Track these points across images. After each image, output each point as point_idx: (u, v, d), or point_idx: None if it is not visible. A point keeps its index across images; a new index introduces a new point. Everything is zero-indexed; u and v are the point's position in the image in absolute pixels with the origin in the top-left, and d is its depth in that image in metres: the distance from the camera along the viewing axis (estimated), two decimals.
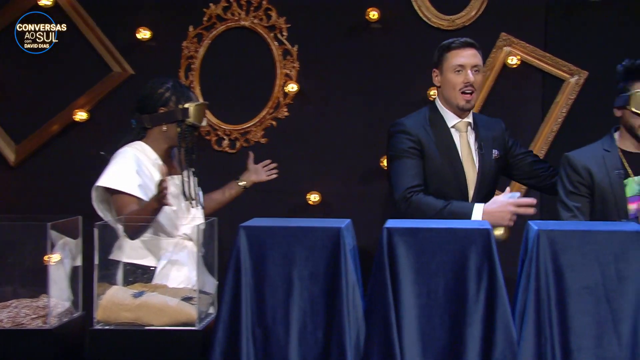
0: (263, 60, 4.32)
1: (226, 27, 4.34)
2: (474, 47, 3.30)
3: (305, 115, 4.33)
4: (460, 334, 2.41)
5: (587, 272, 2.40)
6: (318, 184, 4.32)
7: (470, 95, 3.27)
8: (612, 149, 3.17)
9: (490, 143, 3.35)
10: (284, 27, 4.29)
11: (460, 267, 2.43)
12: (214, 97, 4.36)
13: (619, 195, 3.10)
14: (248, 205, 4.21)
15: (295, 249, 2.48)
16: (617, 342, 2.36)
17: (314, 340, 2.44)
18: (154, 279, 2.92)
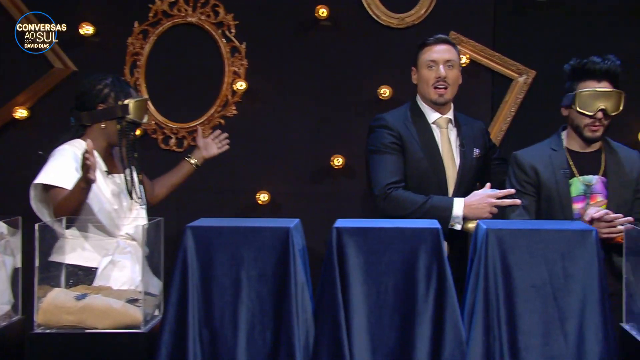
0: (211, 57, 4.30)
1: (172, 23, 4.30)
2: (447, 43, 3.39)
3: (254, 114, 4.31)
4: (410, 334, 2.43)
5: (535, 270, 2.45)
6: (267, 184, 4.31)
7: (443, 89, 3.34)
8: (559, 149, 3.23)
9: (471, 141, 3.41)
10: (232, 24, 4.28)
11: (410, 266, 2.46)
12: (161, 94, 4.32)
13: (564, 194, 3.15)
14: (195, 205, 4.19)
15: (243, 250, 2.48)
16: (563, 340, 2.41)
17: (262, 341, 2.44)
18: (96, 279, 2.89)
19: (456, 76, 3.39)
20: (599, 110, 3.12)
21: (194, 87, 4.32)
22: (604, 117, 3.13)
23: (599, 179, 3.16)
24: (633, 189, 3.19)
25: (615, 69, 3.17)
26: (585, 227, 2.51)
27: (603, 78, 3.15)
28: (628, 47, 4.08)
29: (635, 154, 3.28)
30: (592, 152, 3.22)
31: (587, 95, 3.13)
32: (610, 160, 3.20)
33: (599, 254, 2.44)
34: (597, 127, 3.15)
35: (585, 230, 2.46)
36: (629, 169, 3.20)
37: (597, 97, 3.13)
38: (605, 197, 3.15)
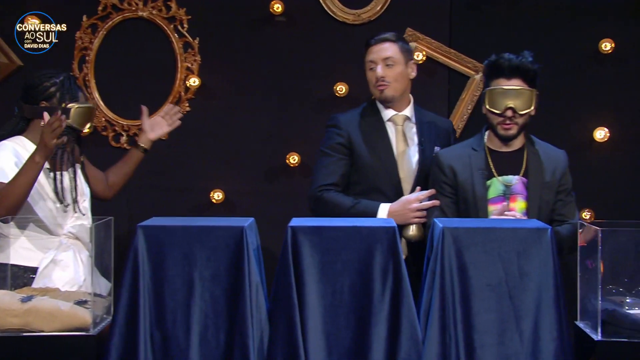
0: (163, 53, 4.27)
1: (123, 17, 4.26)
2: (386, 41, 3.38)
3: (207, 111, 4.29)
4: (366, 334, 2.44)
5: (490, 269, 2.48)
6: (221, 182, 4.29)
7: (383, 86, 3.35)
8: (479, 148, 3.19)
9: (433, 139, 3.41)
10: (184, 18, 4.25)
11: (366, 266, 2.47)
12: (111, 91, 4.28)
13: (480, 195, 3.11)
14: (147, 204, 4.16)
15: (196, 249, 2.47)
16: (518, 339, 2.44)
17: (215, 343, 2.43)
18: (36, 279, 2.86)
19: (397, 73, 3.36)
20: (508, 109, 3.09)
21: (145, 84, 4.28)
22: (514, 115, 3.10)
23: (519, 180, 3.12)
24: (555, 190, 3.16)
25: (527, 66, 3.11)
26: (541, 225, 2.55)
27: (513, 75, 3.10)
28: (584, 43, 4.16)
29: (561, 153, 3.24)
30: (513, 152, 3.18)
31: (495, 93, 3.11)
32: (532, 160, 3.16)
33: (554, 252, 2.48)
34: (509, 125, 3.11)
35: (541, 229, 2.50)
36: (551, 169, 3.16)
37: (505, 95, 3.09)
38: (526, 198, 3.11)
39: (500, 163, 3.15)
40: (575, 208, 3.23)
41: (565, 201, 3.18)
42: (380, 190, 3.33)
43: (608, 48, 4.10)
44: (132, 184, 4.22)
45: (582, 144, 4.17)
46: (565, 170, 3.20)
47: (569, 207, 3.19)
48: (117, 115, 4.29)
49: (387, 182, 3.33)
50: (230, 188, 4.29)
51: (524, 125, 3.15)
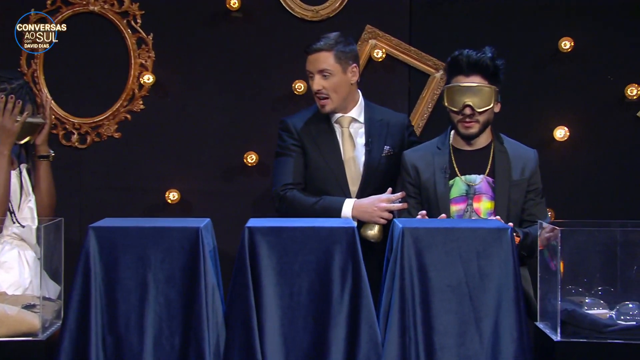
0: (115, 49, 4.22)
1: (73, 11, 4.20)
2: (320, 51, 3.38)
3: (162, 109, 4.26)
4: (324, 336, 2.45)
5: (451, 270, 2.50)
6: (177, 182, 4.26)
7: (323, 100, 3.37)
8: (443, 147, 3.20)
9: (382, 138, 3.43)
10: (138, 13, 4.21)
11: (324, 267, 2.47)
12: (61, 87, 4.23)
13: (442, 195, 3.12)
14: (99, 205, 4.11)
15: (150, 251, 2.46)
16: (478, 340, 2.47)
17: (170, 346, 2.42)
18: None
19: (335, 84, 3.37)
20: (466, 106, 3.09)
21: (97, 80, 4.24)
22: (473, 112, 3.10)
23: (484, 179, 3.14)
24: (525, 189, 3.17)
25: (485, 62, 3.11)
26: (501, 225, 2.57)
27: (472, 72, 3.10)
28: (544, 42, 4.21)
29: (531, 152, 3.25)
30: (478, 150, 3.19)
31: (453, 90, 3.12)
32: (499, 159, 3.16)
33: (514, 253, 2.50)
34: (469, 123, 3.11)
35: (501, 229, 2.52)
36: (520, 168, 3.16)
37: (463, 92, 3.10)
38: (492, 198, 3.12)
39: (464, 162, 3.16)
40: (546, 209, 3.25)
41: (536, 201, 3.19)
42: (328, 193, 3.37)
43: (568, 47, 4.16)
44: (84, 185, 4.18)
45: (542, 143, 4.22)
46: (535, 169, 3.21)
47: (539, 207, 3.20)
48: (68, 113, 4.23)
49: (335, 184, 3.37)
50: (186, 188, 4.26)
51: (486, 123, 3.15)
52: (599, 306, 2.68)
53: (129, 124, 4.26)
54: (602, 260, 2.77)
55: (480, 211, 3.11)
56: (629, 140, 4.19)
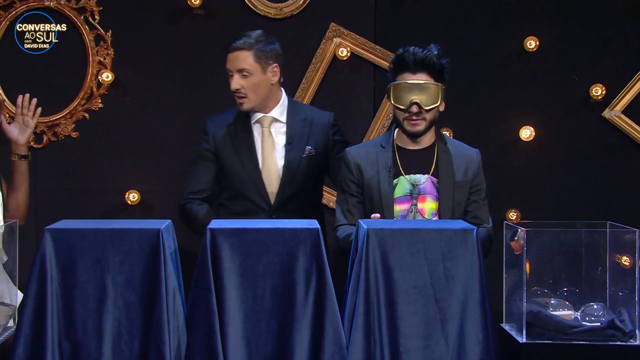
0: (73, 45, 4.19)
1: (28, 7, 4.16)
2: (240, 49, 3.35)
3: (121, 107, 4.23)
4: (288, 340, 2.44)
5: (416, 271, 2.50)
6: (137, 182, 4.23)
7: (241, 99, 3.36)
8: (387, 145, 3.18)
9: (304, 138, 3.42)
10: (96, 9, 4.17)
11: (288, 269, 2.47)
12: (16, 85, 4.17)
13: (386, 194, 3.10)
14: (56, 207, 4.07)
15: (108, 253, 2.44)
16: (444, 342, 2.48)
17: (129, 352, 2.41)
18: None
19: (253, 84, 3.35)
20: (413, 104, 3.07)
21: (54, 78, 4.20)
22: (420, 110, 3.08)
23: (428, 179, 3.13)
24: (468, 191, 3.16)
25: (432, 59, 3.08)
26: (467, 226, 2.59)
27: (418, 69, 3.09)
28: (509, 41, 4.25)
29: (474, 152, 3.22)
30: (423, 150, 3.17)
31: (399, 88, 3.09)
32: (442, 158, 3.15)
33: (480, 254, 2.52)
34: (416, 120, 3.09)
35: (467, 230, 2.54)
36: (463, 169, 3.15)
37: (410, 90, 3.07)
38: (436, 198, 3.11)
39: (409, 161, 3.14)
40: (488, 212, 3.22)
41: (480, 203, 3.18)
42: (246, 195, 3.39)
43: (533, 46, 4.20)
44: (40, 185, 4.13)
45: (508, 143, 4.26)
46: (477, 169, 3.18)
47: (483, 209, 3.18)
48: None
49: (251, 186, 3.38)
50: (146, 188, 4.24)
51: (432, 121, 3.13)
52: (564, 307, 2.71)
53: (87, 123, 4.22)
54: (567, 261, 2.81)
55: (425, 211, 3.10)
56: (594, 140, 4.25)
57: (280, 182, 3.37)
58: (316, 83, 4.25)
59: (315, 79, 4.24)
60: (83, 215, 3.80)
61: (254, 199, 3.37)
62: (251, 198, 3.37)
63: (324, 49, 4.25)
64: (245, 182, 3.38)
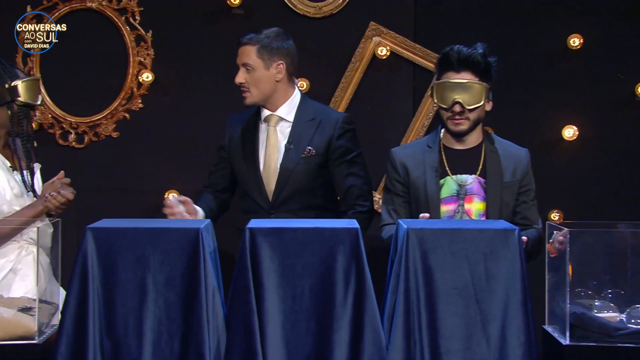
0: (114, 46, 4.24)
1: (70, 8, 4.22)
2: (245, 44, 3.40)
3: (161, 107, 4.27)
4: (327, 340, 2.44)
5: (457, 272, 2.48)
6: (176, 182, 4.27)
7: (244, 93, 3.41)
8: (434, 145, 3.16)
9: (306, 138, 3.40)
10: (137, 10, 4.22)
11: (327, 269, 2.47)
12: (58, 86, 4.24)
13: (432, 195, 3.08)
14: (97, 207, 4.12)
15: (149, 253, 2.45)
16: (485, 344, 2.46)
17: (169, 351, 2.42)
18: None
19: (255, 79, 3.38)
20: (456, 103, 3.05)
21: (95, 79, 4.25)
22: (463, 109, 3.06)
23: (475, 179, 3.10)
24: (517, 191, 3.13)
25: (476, 58, 3.06)
26: (508, 226, 2.56)
27: (462, 68, 3.06)
28: (552, 39, 4.21)
29: (523, 152, 3.20)
30: (470, 150, 3.15)
31: (442, 87, 3.07)
32: (490, 159, 3.12)
33: (522, 254, 2.49)
34: (459, 120, 3.07)
35: (508, 230, 2.51)
36: (511, 169, 3.12)
37: (452, 89, 3.05)
38: (483, 199, 3.09)
39: (455, 161, 3.12)
40: (537, 212, 3.20)
41: (529, 204, 3.15)
42: (248, 193, 3.45)
43: (577, 44, 4.16)
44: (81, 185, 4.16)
45: (550, 142, 4.23)
46: (526, 169, 3.16)
47: (532, 210, 3.16)
48: (65, 112, 4.25)
49: (253, 185, 3.42)
50: (185, 188, 4.26)
51: (477, 121, 3.11)
52: (609, 309, 2.67)
53: (127, 123, 4.27)
54: (611, 262, 2.77)
55: (472, 212, 3.08)
56: (639, 139, 4.18)
57: (276, 182, 3.39)
58: (355, 82, 4.25)
59: (354, 78, 4.24)
60: (123, 214, 3.82)
61: (255, 198, 3.42)
62: (253, 197, 3.42)
63: (363, 48, 4.25)
64: (247, 180, 3.43)
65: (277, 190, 3.38)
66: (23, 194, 2.99)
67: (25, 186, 3.00)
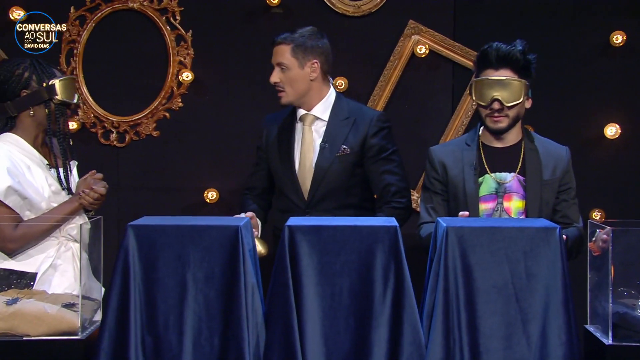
0: (154, 46, 4.28)
1: (112, 9, 4.27)
2: (279, 44, 3.41)
3: (201, 106, 4.30)
4: (366, 338, 2.44)
5: (496, 270, 2.47)
6: (216, 181, 4.30)
7: (280, 93, 3.42)
8: (472, 143, 3.13)
9: (340, 137, 3.39)
10: (177, 10, 4.25)
11: (366, 266, 2.46)
12: (100, 85, 4.29)
13: (471, 193, 3.06)
14: (137, 205, 4.17)
15: (189, 250, 2.46)
16: (525, 343, 2.44)
17: (209, 347, 2.43)
18: (35, 286, 2.84)
19: (290, 78, 3.38)
20: (494, 100, 3.02)
21: (136, 78, 4.29)
22: (502, 107, 3.03)
23: (515, 177, 3.08)
24: (557, 189, 3.10)
25: (515, 55, 3.03)
26: (549, 224, 2.54)
27: (501, 65, 3.04)
28: (594, 36, 4.16)
29: (563, 150, 3.17)
30: (509, 148, 3.12)
31: (481, 84, 3.04)
32: (529, 156, 3.09)
33: (563, 253, 2.47)
34: (498, 117, 3.04)
35: (549, 228, 2.49)
36: (551, 167, 3.09)
37: (491, 86, 3.02)
38: (522, 197, 3.06)
39: (494, 159, 3.10)
40: (578, 211, 3.17)
41: (569, 202, 3.12)
42: (284, 193, 3.46)
43: (619, 41, 4.11)
44: (122, 184, 4.24)
45: (592, 140, 4.18)
46: (567, 167, 3.13)
47: (573, 209, 3.13)
48: (106, 111, 4.30)
49: (289, 184, 3.42)
50: (225, 187, 4.30)
51: (516, 118, 3.08)
52: None
53: (167, 122, 4.31)
54: None
55: (511, 210, 3.05)
56: None
57: (311, 181, 3.39)
58: (394, 81, 4.24)
59: (393, 76, 4.23)
60: (163, 212, 3.86)
61: (291, 197, 3.42)
62: (289, 196, 3.43)
63: (402, 47, 4.24)
64: (284, 179, 3.43)
65: (312, 189, 3.39)
66: (60, 191, 3.03)
67: (61, 183, 3.03)
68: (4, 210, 2.84)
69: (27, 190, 2.89)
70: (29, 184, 2.91)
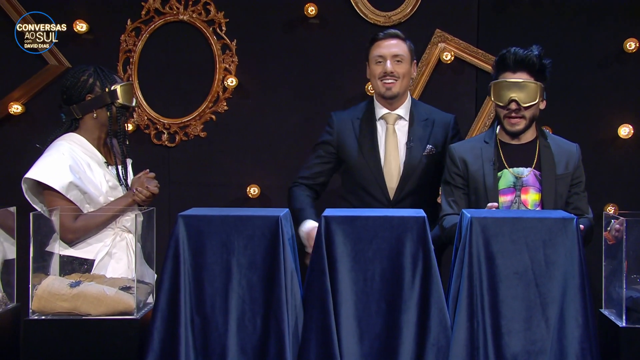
0: (202, 54, 4.30)
1: (164, 21, 4.30)
2: (396, 38, 3.33)
3: (244, 109, 4.32)
4: (396, 320, 2.44)
5: (517, 257, 2.45)
6: (257, 177, 4.31)
7: (391, 82, 3.30)
8: (490, 140, 3.11)
9: (425, 137, 3.35)
10: (223, 21, 4.28)
11: (396, 254, 2.46)
12: (153, 90, 4.33)
13: (490, 187, 3.04)
14: (186, 199, 4.19)
15: (234, 238, 2.48)
16: (545, 325, 2.42)
17: (252, 327, 2.44)
18: (93, 271, 2.87)
19: (405, 70, 3.32)
20: (512, 101, 3.00)
21: (185, 84, 4.32)
22: (519, 107, 3.01)
23: (531, 172, 3.05)
24: (569, 183, 3.07)
25: (532, 59, 3.02)
26: (567, 215, 2.52)
27: (519, 69, 3.02)
28: (608, 43, 4.11)
29: (574, 146, 3.14)
30: (525, 144, 3.10)
31: (499, 86, 3.03)
32: (544, 153, 3.07)
33: (580, 242, 2.45)
34: (515, 118, 3.03)
35: (567, 219, 2.47)
36: (564, 162, 3.07)
37: (509, 88, 3.01)
38: (539, 190, 3.03)
39: (512, 155, 3.08)
40: (587, 203, 3.14)
41: (580, 195, 3.10)
42: (366, 189, 3.32)
43: (632, 47, 4.05)
44: (172, 180, 4.28)
45: (606, 140, 4.12)
46: (578, 162, 3.11)
47: (583, 201, 3.11)
48: (159, 114, 4.33)
49: (373, 181, 3.32)
50: (265, 183, 4.31)
51: (532, 119, 3.06)
52: None
53: (213, 123, 4.33)
54: None
55: (528, 203, 3.03)
56: None
57: (400, 179, 3.31)
58: (422, 85, 4.23)
59: (421, 81, 4.22)
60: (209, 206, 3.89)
61: (375, 194, 3.31)
62: (371, 192, 3.32)
63: (429, 54, 4.22)
64: (367, 176, 3.32)
65: (400, 186, 3.31)
66: (117, 186, 3.07)
67: (120, 180, 3.07)
68: (66, 203, 2.88)
69: (87, 186, 2.93)
70: (89, 180, 2.95)
